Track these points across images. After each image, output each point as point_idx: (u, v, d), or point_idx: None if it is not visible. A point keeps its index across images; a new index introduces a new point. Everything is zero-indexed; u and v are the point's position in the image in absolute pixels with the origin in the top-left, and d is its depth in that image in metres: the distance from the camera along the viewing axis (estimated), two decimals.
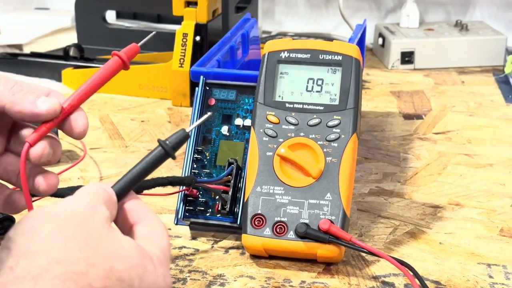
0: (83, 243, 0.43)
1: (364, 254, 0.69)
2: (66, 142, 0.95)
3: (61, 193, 0.68)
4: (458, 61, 1.26)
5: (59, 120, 0.54)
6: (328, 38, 1.41)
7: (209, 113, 0.56)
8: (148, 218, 0.50)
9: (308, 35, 1.42)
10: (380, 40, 1.30)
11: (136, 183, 0.52)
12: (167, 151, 0.52)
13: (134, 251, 0.45)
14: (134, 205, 0.51)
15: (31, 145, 0.53)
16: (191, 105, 1.08)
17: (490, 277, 0.66)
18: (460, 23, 1.32)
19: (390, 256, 0.64)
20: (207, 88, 0.76)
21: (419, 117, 1.04)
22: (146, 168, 0.52)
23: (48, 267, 0.41)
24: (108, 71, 0.57)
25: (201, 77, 0.76)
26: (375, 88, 1.16)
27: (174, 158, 0.52)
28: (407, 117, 1.04)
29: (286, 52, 0.72)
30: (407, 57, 1.25)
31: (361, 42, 0.91)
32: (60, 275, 0.41)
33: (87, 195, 0.48)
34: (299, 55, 0.72)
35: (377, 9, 1.45)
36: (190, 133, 0.53)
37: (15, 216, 0.73)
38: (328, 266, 0.68)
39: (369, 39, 1.27)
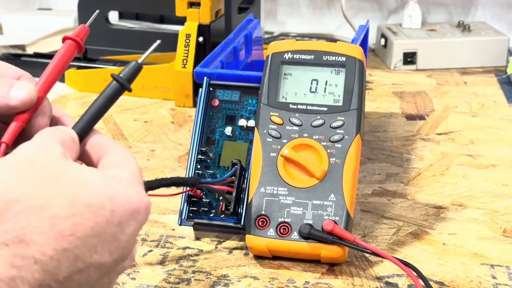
0: (38, 179, 0.41)
1: (367, 255, 0.69)
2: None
3: None
4: (460, 62, 1.26)
5: (34, 110, 0.51)
6: (331, 39, 1.41)
7: (158, 41, 0.56)
8: (110, 148, 0.49)
9: (310, 36, 1.42)
10: (383, 41, 1.30)
11: (96, 120, 0.51)
12: (122, 83, 0.51)
13: (97, 176, 0.43)
14: (96, 140, 0.49)
15: (8, 145, 0.51)
16: (194, 105, 1.08)
17: (494, 277, 0.66)
18: (462, 24, 1.32)
19: (394, 257, 0.64)
20: (211, 89, 0.76)
21: (421, 117, 1.04)
22: (105, 103, 0.51)
23: (7, 207, 0.39)
24: (65, 55, 0.54)
25: (205, 78, 0.76)
26: (377, 89, 1.16)
27: (130, 90, 0.52)
28: (410, 117, 1.04)
29: (289, 53, 0.72)
30: (409, 58, 1.26)
31: (364, 43, 0.91)
32: (21, 212, 0.39)
33: (39, 138, 0.46)
34: (303, 56, 0.72)
35: (379, 9, 1.45)
36: (142, 64, 0.52)
37: None
38: (331, 267, 0.68)
39: (371, 40, 1.27)
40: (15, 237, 0.38)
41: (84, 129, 0.50)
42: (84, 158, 0.49)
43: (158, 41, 0.57)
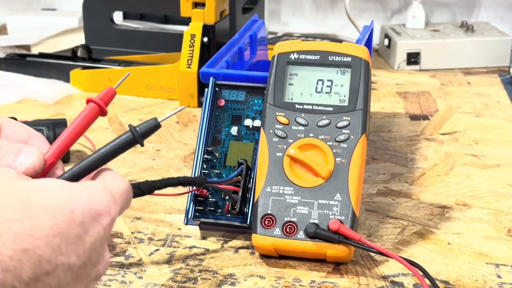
0: None
1: (373, 254, 0.70)
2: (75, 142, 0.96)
3: None
4: (463, 62, 1.27)
5: (44, 175, 0.50)
6: (334, 39, 1.41)
7: (183, 106, 0.56)
8: (104, 172, 0.48)
9: (314, 36, 1.42)
10: (386, 41, 1.31)
11: (100, 165, 0.51)
12: (135, 137, 0.51)
13: (55, 183, 0.43)
14: (99, 170, 0.49)
15: None
16: (199, 105, 1.09)
17: (499, 277, 0.66)
18: (465, 24, 1.32)
19: (400, 256, 0.65)
20: (217, 89, 0.76)
21: (425, 117, 1.04)
22: (113, 151, 0.51)
23: None
24: (85, 118, 0.53)
25: (211, 78, 0.76)
26: (381, 89, 1.17)
27: (142, 145, 0.52)
28: (414, 117, 1.05)
29: (295, 53, 0.73)
30: (413, 58, 1.26)
31: (368, 43, 0.91)
32: None
33: None
34: (309, 57, 0.72)
35: (383, 10, 1.45)
36: (161, 123, 0.53)
37: None
38: (337, 266, 0.68)
39: (375, 40, 1.27)
40: None
41: (86, 170, 0.50)
42: None
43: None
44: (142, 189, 0.66)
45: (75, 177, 0.49)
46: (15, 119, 0.86)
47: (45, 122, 0.90)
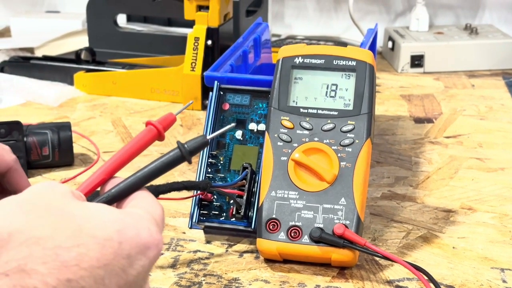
0: (44, 212, 0.41)
1: (377, 259, 0.70)
2: (79, 145, 0.96)
3: None
4: (467, 65, 1.27)
5: (93, 190, 0.52)
6: (338, 41, 1.41)
7: (232, 124, 0.56)
8: (140, 195, 0.49)
9: (317, 39, 1.42)
10: (390, 44, 1.31)
11: (148, 181, 0.51)
12: (184, 154, 0.52)
13: (106, 210, 0.43)
14: (136, 194, 0.50)
15: None
16: (203, 109, 1.09)
17: (504, 281, 0.66)
18: (469, 27, 1.32)
19: (405, 261, 0.65)
20: (221, 93, 0.76)
21: (429, 120, 1.04)
22: (161, 167, 0.51)
23: (9, 238, 0.38)
24: (142, 140, 0.54)
25: (216, 82, 0.76)
26: (385, 92, 1.17)
27: (190, 162, 0.52)
28: (418, 120, 1.04)
29: (300, 57, 0.73)
30: (417, 61, 1.26)
31: (372, 47, 0.91)
32: (23, 242, 0.38)
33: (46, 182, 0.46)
34: (313, 61, 0.72)
35: (386, 12, 1.45)
36: (209, 141, 0.53)
37: None
38: (342, 270, 0.68)
39: (378, 43, 1.27)
40: (16, 267, 0.38)
41: (133, 187, 0.50)
42: (118, 207, 0.50)
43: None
44: None
45: (122, 194, 0.49)
46: (19, 122, 0.87)
47: (49, 126, 0.90)
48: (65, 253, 0.39)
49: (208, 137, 0.53)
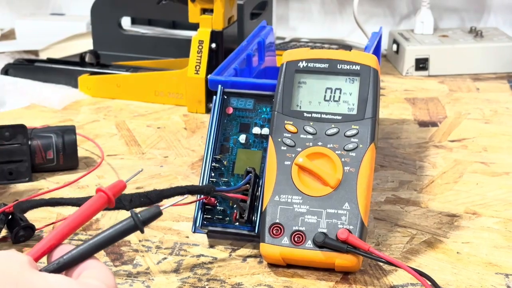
0: (3, 282, 0.41)
1: (381, 264, 0.69)
2: (83, 149, 0.96)
3: (76, 202, 0.69)
4: (472, 68, 1.26)
5: (42, 255, 0.52)
6: (342, 44, 1.41)
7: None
8: (93, 265, 0.50)
9: (322, 41, 1.42)
10: (395, 47, 1.30)
11: (99, 249, 0.52)
12: (137, 223, 0.53)
13: (64, 281, 0.44)
14: (87, 262, 0.50)
15: None
16: (207, 112, 1.08)
17: (509, 287, 0.66)
18: (474, 30, 1.32)
19: (409, 267, 0.64)
20: (225, 96, 0.76)
21: (434, 124, 1.04)
22: (114, 236, 0.52)
23: None
24: (92, 207, 0.55)
25: (219, 86, 0.76)
26: (389, 95, 1.16)
27: (142, 232, 0.53)
28: (422, 124, 1.04)
29: (304, 61, 0.72)
30: (421, 64, 1.25)
31: (377, 50, 0.91)
32: None
33: (4, 250, 0.47)
34: (317, 65, 0.72)
35: (391, 15, 1.45)
36: (162, 212, 0.54)
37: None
38: (345, 276, 0.68)
39: (383, 46, 1.27)
40: None
41: (85, 255, 0.51)
42: (68, 274, 0.50)
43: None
44: (150, 198, 0.66)
45: (73, 262, 0.50)
46: (24, 125, 0.86)
47: (54, 129, 0.90)
48: None
49: (162, 208, 0.54)
